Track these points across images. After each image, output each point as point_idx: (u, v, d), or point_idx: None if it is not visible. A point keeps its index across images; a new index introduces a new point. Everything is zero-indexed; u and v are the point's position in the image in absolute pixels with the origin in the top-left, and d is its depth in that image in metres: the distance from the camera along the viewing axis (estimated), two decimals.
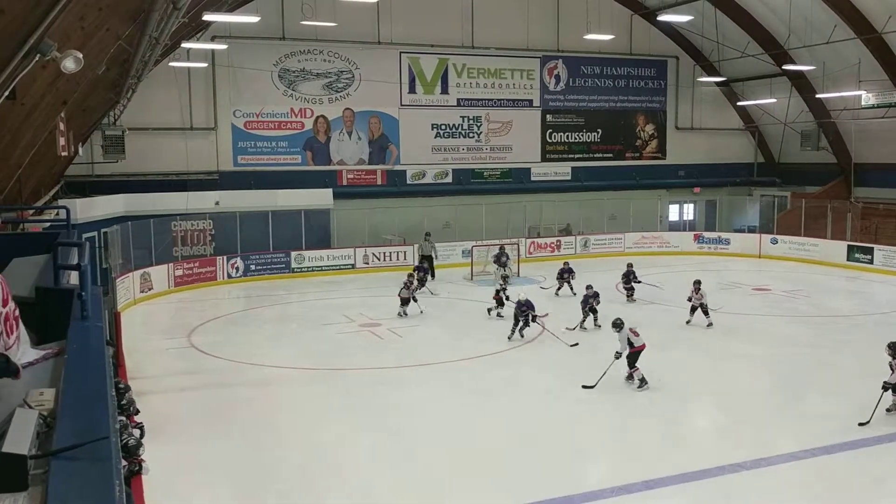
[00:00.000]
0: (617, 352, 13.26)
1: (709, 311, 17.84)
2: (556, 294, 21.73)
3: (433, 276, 24.62)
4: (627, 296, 21.02)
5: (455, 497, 9.23)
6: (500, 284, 19.90)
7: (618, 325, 13.45)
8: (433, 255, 25.64)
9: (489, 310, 19.19)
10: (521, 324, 16.73)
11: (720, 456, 10.13)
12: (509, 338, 16.71)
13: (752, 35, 30.54)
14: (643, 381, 13.15)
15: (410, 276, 20.50)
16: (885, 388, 11.41)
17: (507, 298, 18.60)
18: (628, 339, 13.28)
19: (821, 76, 29.24)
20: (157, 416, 11.17)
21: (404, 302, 19.47)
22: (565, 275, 21.78)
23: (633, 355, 13.30)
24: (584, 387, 13.10)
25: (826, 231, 28.88)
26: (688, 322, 17.89)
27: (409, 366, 14.97)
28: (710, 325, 17.71)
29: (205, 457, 10.46)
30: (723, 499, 9.13)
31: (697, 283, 18.18)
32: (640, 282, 20.96)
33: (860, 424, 11.17)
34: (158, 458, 8.79)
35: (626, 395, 13.06)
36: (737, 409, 12.38)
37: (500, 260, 24.25)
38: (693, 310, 17.97)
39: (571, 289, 21.30)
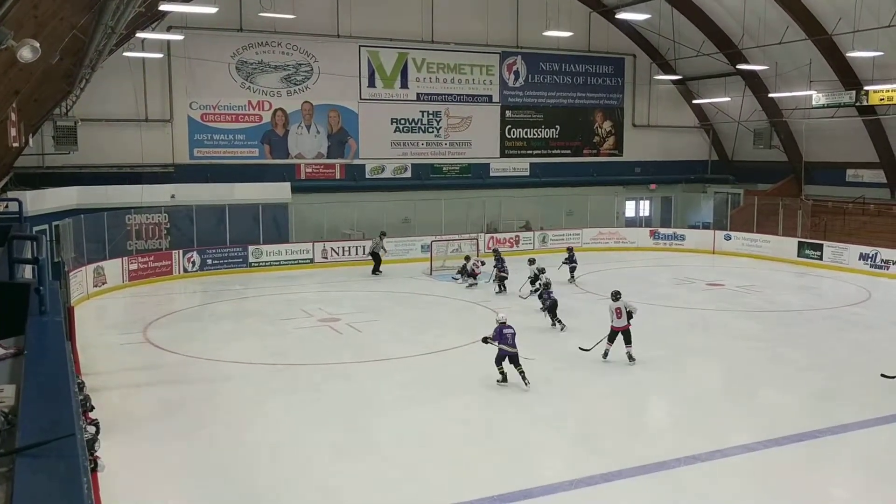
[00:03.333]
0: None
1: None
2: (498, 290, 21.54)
3: (378, 271, 24.96)
4: (571, 277, 22.64)
5: (417, 490, 9.24)
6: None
7: (615, 296, 14.52)
8: (381, 253, 25.29)
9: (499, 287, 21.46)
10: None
11: (677, 448, 10.30)
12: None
13: (708, 34, 31.04)
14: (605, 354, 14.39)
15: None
16: None
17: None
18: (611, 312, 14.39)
19: (773, 76, 29.86)
20: (112, 412, 11.01)
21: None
22: (501, 265, 21.54)
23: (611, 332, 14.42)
24: (581, 349, 14.57)
25: (778, 228, 29.54)
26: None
27: (368, 361, 14.94)
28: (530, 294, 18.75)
29: (161, 454, 10.31)
30: (679, 490, 9.28)
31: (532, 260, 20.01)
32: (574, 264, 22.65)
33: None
34: (114, 456, 8.69)
35: (584, 388, 13.23)
36: (692, 401, 12.62)
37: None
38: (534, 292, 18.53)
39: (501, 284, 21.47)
